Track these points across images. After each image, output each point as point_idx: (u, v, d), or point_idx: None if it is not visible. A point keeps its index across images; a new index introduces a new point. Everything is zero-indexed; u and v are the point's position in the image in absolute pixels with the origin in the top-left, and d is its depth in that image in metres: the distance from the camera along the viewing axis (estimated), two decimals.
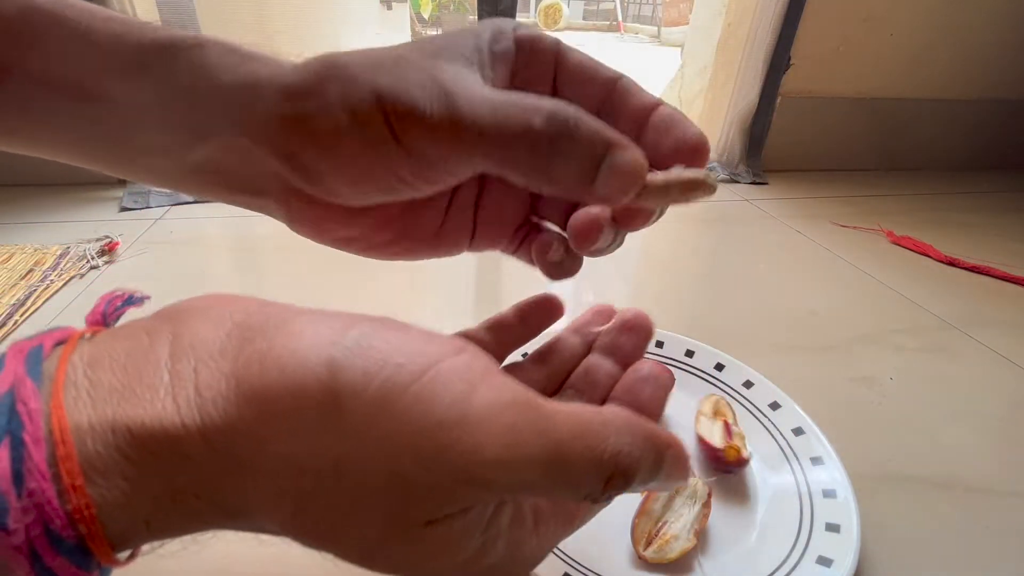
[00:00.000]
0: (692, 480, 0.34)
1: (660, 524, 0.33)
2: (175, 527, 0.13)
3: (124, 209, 0.78)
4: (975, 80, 1.06)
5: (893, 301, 0.63)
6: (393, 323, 0.15)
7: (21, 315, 0.53)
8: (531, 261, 0.23)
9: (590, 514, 0.20)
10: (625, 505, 0.35)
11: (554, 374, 0.24)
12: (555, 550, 0.32)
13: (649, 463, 0.15)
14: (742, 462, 0.36)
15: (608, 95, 0.20)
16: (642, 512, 0.33)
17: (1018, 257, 0.75)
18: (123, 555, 0.13)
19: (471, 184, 0.22)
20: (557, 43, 0.19)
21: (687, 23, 1.23)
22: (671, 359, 0.46)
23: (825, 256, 0.74)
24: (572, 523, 0.19)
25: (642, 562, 0.32)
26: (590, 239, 0.20)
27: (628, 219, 0.20)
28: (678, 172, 0.18)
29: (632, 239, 0.23)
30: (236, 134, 0.18)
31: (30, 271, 0.61)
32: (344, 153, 0.17)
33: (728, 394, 0.43)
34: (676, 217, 0.87)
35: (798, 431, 0.39)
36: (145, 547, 0.13)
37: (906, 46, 1.00)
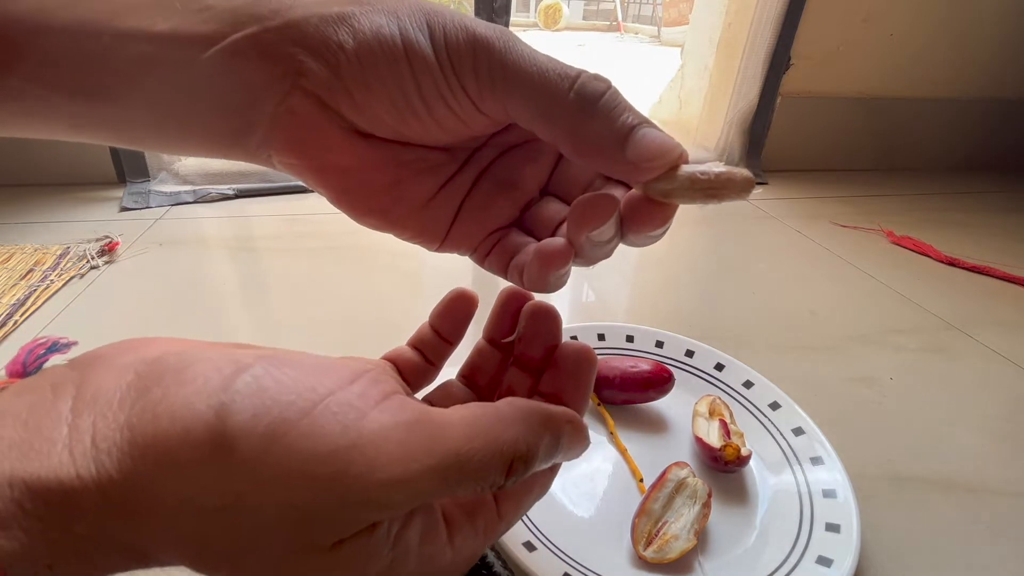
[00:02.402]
0: (692, 480, 0.34)
1: (660, 524, 0.33)
2: (81, 572, 0.14)
3: (124, 209, 0.78)
4: (975, 80, 1.06)
5: (893, 301, 0.63)
6: (292, 359, 0.15)
7: (21, 315, 0.53)
8: (502, 271, 0.22)
9: (513, 520, 0.20)
10: (625, 505, 0.35)
11: (483, 395, 0.24)
12: (555, 550, 0.32)
13: (547, 443, 0.17)
14: (742, 460, 0.36)
15: None
16: (642, 512, 0.33)
17: (1018, 257, 0.75)
18: None
19: (465, 179, 0.22)
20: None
21: (687, 23, 1.23)
22: (671, 359, 0.46)
23: (825, 256, 0.74)
24: (492, 533, 0.19)
25: (642, 562, 0.32)
26: (594, 219, 0.18)
27: (639, 217, 0.18)
28: (712, 165, 0.17)
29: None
30: (262, 28, 0.17)
31: (30, 271, 0.61)
32: (399, 65, 0.17)
33: (728, 394, 0.43)
34: (675, 217, 0.87)
35: (798, 431, 0.39)
36: None
37: (906, 46, 1.00)
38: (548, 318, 0.23)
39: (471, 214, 0.22)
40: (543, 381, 0.22)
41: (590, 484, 0.37)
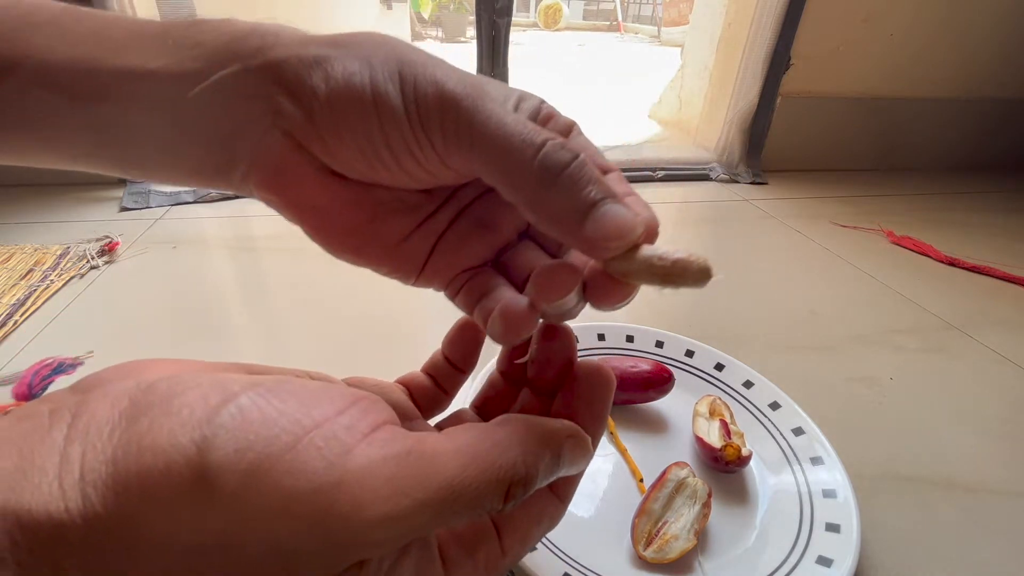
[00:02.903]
0: (692, 480, 0.34)
1: (660, 524, 0.33)
2: None
3: (124, 209, 0.78)
4: (975, 80, 1.06)
5: (893, 301, 0.63)
6: (283, 387, 0.15)
7: (21, 315, 0.53)
8: (469, 311, 0.21)
9: (519, 554, 0.19)
10: (625, 505, 0.35)
11: None
12: (555, 550, 0.32)
13: (547, 461, 0.16)
14: (742, 460, 0.36)
15: None
16: (642, 512, 0.33)
17: (1018, 257, 0.75)
18: None
19: (442, 218, 0.22)
20: (572, 124, 0.20)
21: (687, 23, 1.23)
22: (671, 359, 0.46)
23: (825, 256, 0.74)
24: (494, 568, 0.18)
25: (642, 562, 0.32)
26: (554, 293, 0.18)
27: (598, 292, 0.18)
28: (672, 249, 0.17)
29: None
30: (243, 67, 0.18)
31: (30, 271, 0.61)
32: (368, 115, 0.17)
33: (728, 394, 0.43)
34: (676, 217, 0.87)
35: (798, 431, 0.39)
36: None
37: (906, 46, 1.00)
38: (562, 338, 0.22)
39: (445, 252, 0.22)
40: (556, 403, 0.21)
41: (590, 484, 0.37)
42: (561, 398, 0.21)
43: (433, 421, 0.23)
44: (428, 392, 0.23)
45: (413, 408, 0.23)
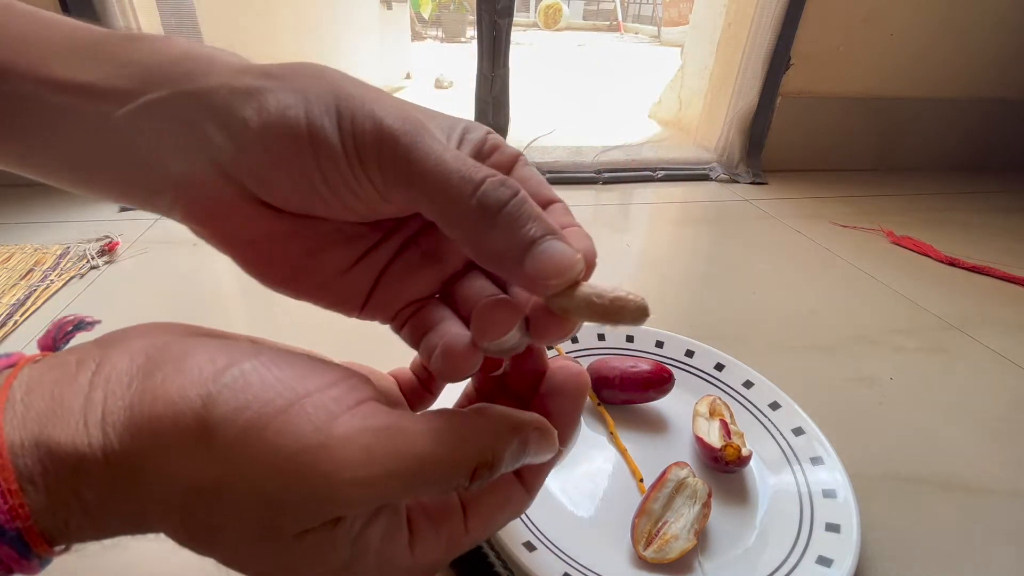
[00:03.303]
0: (692, 480, 0.34)
1: (660, 524, 0.33)
2: (89, 532, 0.15)
3: (124, 209, 0.78)
4: (975, 80, 1.06)
5: (893, 301, 0.63)
6: (284, 359, 0.16)
7: (21, 315, 0.53)
8: (415, 346, 0.21)
9: (480, 536, 0.20)
10: (625, 505, 0.35)
11: None
12: (555, 550, 0.32)
13: (513, 448, 0.18)
14: (743, 460, 0.36)
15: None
16: (642, 512, 0.33)
17: (1018, 257, 0.75)
18: (58, 548, 0.15)
19: (387, 249, 0.21)
20: (518, 156, 0.20)
21: (687, 23, 1.23)
22: (671, 359, 0.46)
23: (825, 256, 0.74)
24: (456, 546, 0.19)
25: (642, 562, 0.32)
26: (495, 332, 0.18)
27: (542, 326, 0.18)
28: (611, 287, 0.17)
29: (631, 239, 0.22)
30: (172, 92, 0.17)
31: (30, 271, 0.61)
32: (303, 150, 0.17)
33: (728, 394, 0.43)
34: (676, 217, 0.87)
35: (798, 431, 0.39)
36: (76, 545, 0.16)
37: (906, 46, 1.00)
38: (534, 355, 0.22)
39: (389, 284, 0.21)
40: (532, 406, 0.22)
41: (590, 484, 0.37)
42: (537, 402, 0.22)
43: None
44: (414, 388, 0.24)
45: (401, 397, 0.24)
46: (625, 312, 0.16)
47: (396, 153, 0.16)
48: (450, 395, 0.25)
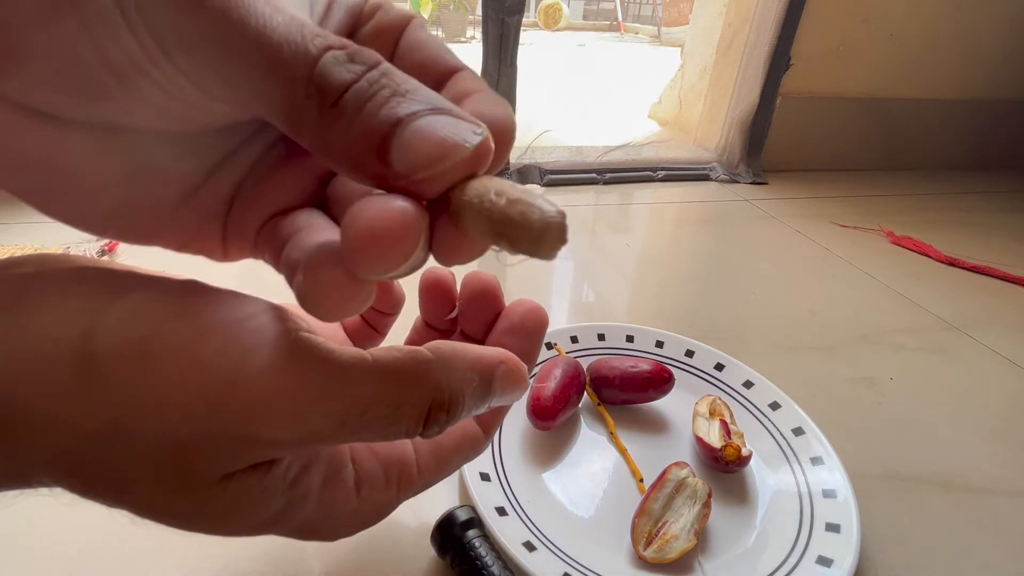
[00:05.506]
0: (692, 480, 0.34)
1: (660, 524, 0.33)
2: None
3: None
4: (975, 80, 1.06)
5: (893, 301, 0.63)
6: (192, 287, 0.14)
7: None
8: (275, 262, 0.16)
9: (433, 478, 0.18)
10: (625, 505, 0.35)
11: None
12: (555, 550, 0.32)
13: (475, 387, 0.15)
14: (743, 460, 0.36)
15: (440, 87, 0.15)
16: (642, 512, 0.33)
17: (1018, 257, 0.75)
18: None
19: (244, 155, 0.16)
20: (410, 18, 0.15)
21: (687, 23, 1.23)
22: (671, 359, 0.46)
23: (825, 256, 0.74)
24: (407, 488, 0.18)
25: (642, 562, 0.32)
26: (381, 249, 0.12)
27: (441, 245, 0.13)
28: (522, 188, 0.11)
29: (631, 239, 0.21)
30: None
31: None
32: (62, 15, 0.11)
33: (728, 394, 0.43)
34: (676, 217, 0.87)
35: (798, 431, 0.39)
36: None
37: (906, 46, 1.00)
38: (488, 296, 0.20)
39: (245, 199, 0.16)
40: (487, 342, 0.20)
41: (590, 484, 0.37)
42: (492, 336, 0.20)
43: None
44: (360, 329, 0.22)
45: (344, 337, 0.22)
46: (525, 226, 0.10)
47: (202, 17, 0.11)
48: (400, 335, 0.23)
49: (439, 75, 0.14)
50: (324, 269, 0.13)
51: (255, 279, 0.20)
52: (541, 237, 0.10)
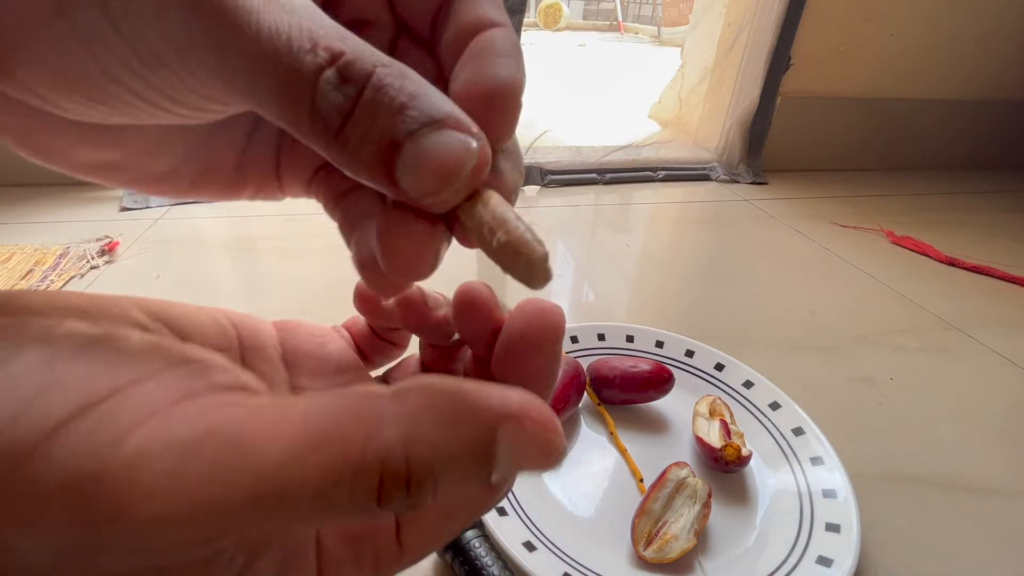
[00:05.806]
0: (692, 480, 0.34)
1: (660, 524, 0.33)
2: None
3: (124, 209, 0.78)
4: (975, 80, 1.06)
5: (893, 301, 0.63)
6: (75, 345, 0.11)
7: None
8: (347, 229, 0.16)
9: (421, 553, 0.15)
10: (625, 505, 0.35)
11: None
12: (555, 550, 0.32)
13: (459, 453, 0.10)
14: (743, 460, 0.36)
15: (440, 8, 0.14)
16: (642, 512, 0.33)
17: (1018, 257, 0.75)
18: None
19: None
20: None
21: (687, 23, 1.23)
22: (671, 359, 0.46)
23: (825, 256, 0.74)
24: (387, 568, 0.14)
25: (642, 562, 0.32)
26: (408, 257, 0.13)
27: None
28: (515, 220, 0.12)
29: (632, 239, 0.21)
30: None
31: (30, 271, 0.61)
32: (51, 22, 0.10)
33: (728, 394, 0.43)
34: (676, 217, 0.87)
35: (798, 431, 0.39)
36: None
37: (906, 46, 1.00)
38: (475, 309, 0.16)
39: (290, 152, 0.16)
40: (493, 363, 0.15)
41: (590, 484, 0.37)
42: (496, 355, 0.15)
43: (383, 369, 0.19)
44: (370, 339, 0.19)
45: (353, 358, 0.18)
46: (512, 269, 0.12)
47: (194, 15, 0.10)
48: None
49: (471, 28, 0.14)
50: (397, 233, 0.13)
51: (258, 285, 0.20)
52: (528, 277, 0.12)
